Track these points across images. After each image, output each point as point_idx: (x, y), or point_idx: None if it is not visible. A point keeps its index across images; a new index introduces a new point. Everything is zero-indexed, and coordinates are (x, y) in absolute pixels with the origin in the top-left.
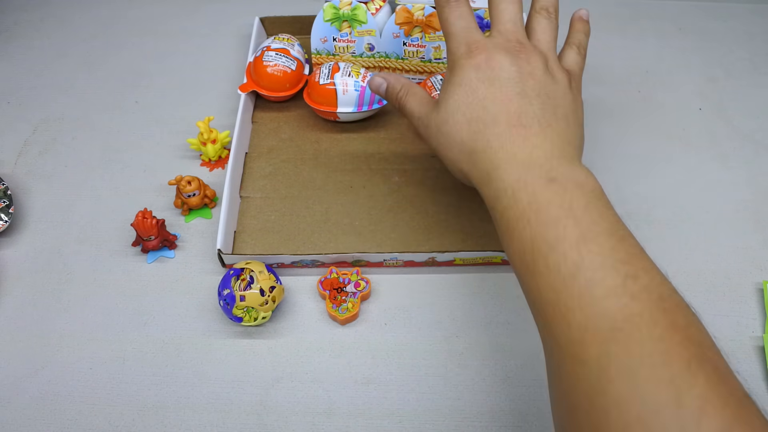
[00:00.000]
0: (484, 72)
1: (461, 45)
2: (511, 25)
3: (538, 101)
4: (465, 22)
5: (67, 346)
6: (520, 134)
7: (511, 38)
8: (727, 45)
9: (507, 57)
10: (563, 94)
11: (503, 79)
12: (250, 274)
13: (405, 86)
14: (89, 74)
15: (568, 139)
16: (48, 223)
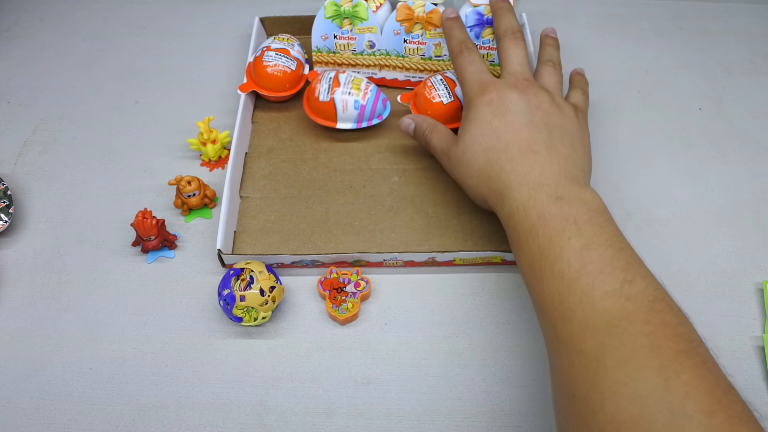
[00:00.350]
0: (496, 107)
1: (474, 86)
2: (519, 66)
3: (546, 129)
4: (477, 67)
5: (67, 346)
6: (530, 158)
7: (520, 77)
8: (727, 45)
9: (516, 93)
10: (570, 122)
11: (513, 112)
12: (250, 274)
13: (430, 125)
14: (89, 74)
15: (574, 162)
16: (48, 223)
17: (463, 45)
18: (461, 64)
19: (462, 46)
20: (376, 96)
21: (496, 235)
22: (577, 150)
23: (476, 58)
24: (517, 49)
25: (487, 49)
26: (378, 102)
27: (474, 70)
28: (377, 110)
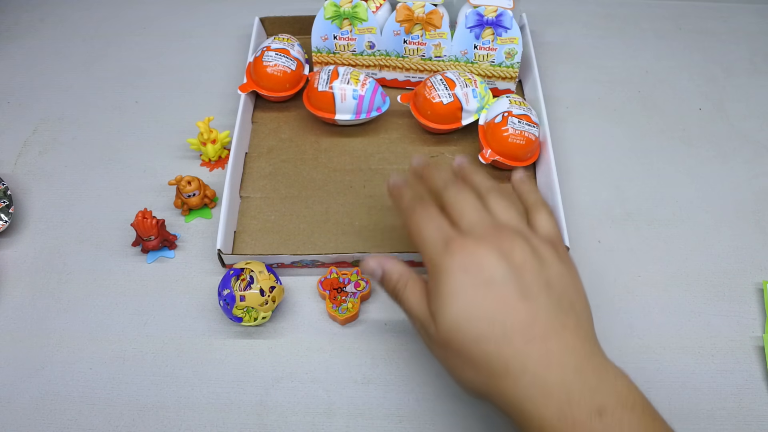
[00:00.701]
0: (474, 274)
1: (438, 244)
2: (476, 215)
3: (542, 297)
4: (436, 223)
5: (67, 346)
6: (539, 350)
7: (484, 227)
8: (727, 45)
9: (492, 251)
10: (559, 274)
11: (498, 281)
12: (250, 274)
13: (403, 277)
14: (89, 74)
15: (584, 333)
16: (48, 223)
17: (416, 201)
18: (417, 223)
19: (414, 203)
20: (375, 89)
21: None
22: (578, 310)
23: (433, 213)
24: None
25: (486, 49)
26: (377, 95)
27: (433, 227)
28: (376, 102)
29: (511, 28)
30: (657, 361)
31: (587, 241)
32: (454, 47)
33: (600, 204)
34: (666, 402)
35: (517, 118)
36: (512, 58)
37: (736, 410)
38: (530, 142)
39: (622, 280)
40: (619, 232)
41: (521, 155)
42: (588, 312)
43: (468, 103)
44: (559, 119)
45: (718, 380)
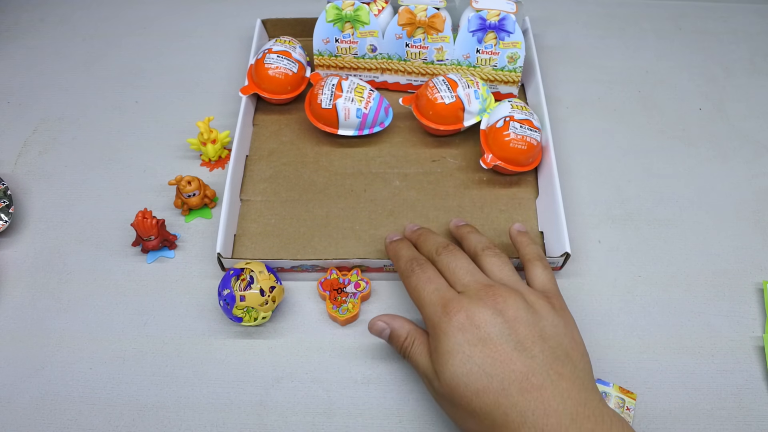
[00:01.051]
0: (470, 332)
1: (436, 307)
2: (470, 276)
3: (536, 349)
4: (434, 285)
5: (67, 346)
6: (536, 400)
7: (478, 287)
8: (727, 45)
9: (486, 309)
10: (553, 325)
11: (494, 336)
12: (250, 274)
13: (411, 335)
14: (89, 74)
15: (581, 381)
16: (48, 223)
17: (414, 262)
18: (415, 285)
19: (413, 264)
20: (379, 104)
21: (495, 240)
22: (575, 359)
23: (432, 275)
24: (458, 260)
25: (489, 53)
26: (380, 110)
27: (432, 289)
28: (379, 118)
29: (513, 32)
30: (657, 361)
31: (587, 241)
32: (457, 51)
33: (600, 204)
34: (666, 402)
35: (519, 123)
36: (515, 62)
37: (736, 410)
38: (532, 147)
39: (622, 280)
40: (619, 232)
41: (523, 160)
42: (585, 359)
43: (470, 103)
44: (559, 119)
45: (718, 380)
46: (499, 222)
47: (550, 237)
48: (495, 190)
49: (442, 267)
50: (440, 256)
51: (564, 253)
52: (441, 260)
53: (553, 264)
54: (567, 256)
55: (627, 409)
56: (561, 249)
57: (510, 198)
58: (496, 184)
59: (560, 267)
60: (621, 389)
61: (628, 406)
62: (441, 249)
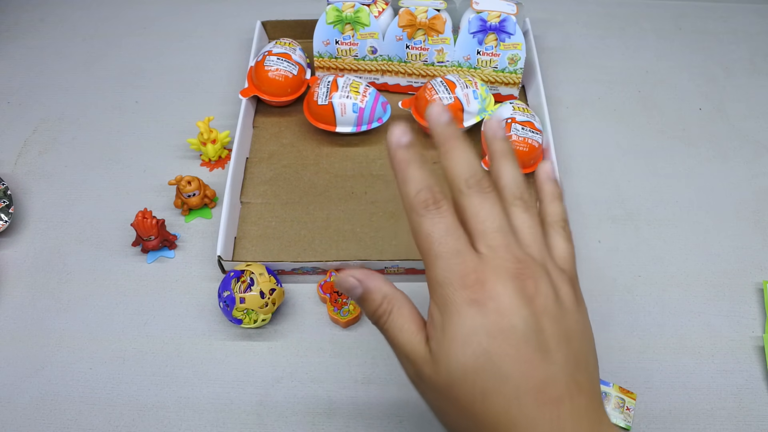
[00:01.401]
0: (491, 319)
1: (452, 271)
2: (500, 237)
3: (560, 354)
4: (454, 239)
5: (67, 346)
6: (551, 415)
7: (509, 257)
8: (727, 45)
9: (515, 292)
10: (576, 322)
11: (519, 332)
12: (250, 276)
13: (388, 301)
14: (89, 74)
15: (594, 394)
16: (48, 223)
17: (429, 196)
18: (428, 232)
19: (427, 199)
20: (375, 99)
21: None
22: (591, 364)
23: (451, 223)
24: (494, 206)
25: (489, 55)
26: (377, 105)
27: (449, 246)
28: (377, 113)
29: (514, 33)
30: (657, 361)
31: (587, 241)
32: (457, 52)
33: (600, 204)
34: (666, 402)
35: (521, 125)
36: (515, 63)
37: (736, 410)
38: (533, 149)
39: (622, 280)
40: (619, 232)
41: (524, 162)
42: (596, 363)
43: (469, 104)
44: (559, 119)
45: (718, 380)
46: None
47: None
48: None
49: (467, 209)
50: (469, 194)
51: None
52: (470, 200)
53: None
54: None
55: (627, 409)
56: None
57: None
58: None
59: None
60: (621, 389)
61: (628, 406)
62: (473, 182)
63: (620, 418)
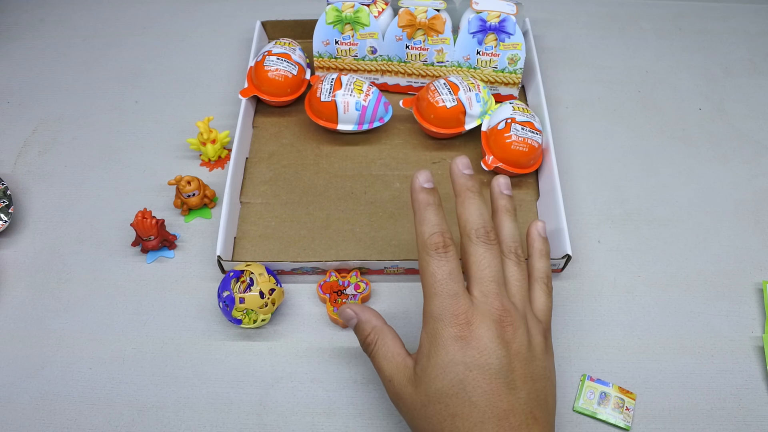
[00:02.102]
0: (471, 355)
1: (447, 308)
2: (494, 286)
3: (524, 390)
4: (454, 283)
5: (67, 346)
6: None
7: (497, 305)
8: (727, 45)
9: (495, 336)
10: (543, 368)
11: (493, 367)
12: (249, 276)
13: (375, 331)
14: (89, 74)
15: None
16: (48, 223)
17: (440, 240)
18: (433, 271)
19: (438, 243)
20: (378, 98)
21: None
22: (550, 403)
23: (454, 268)
24: (493, 259)
25: (489, 55)
26: (380, 105)
27: (448, 288)
28: (378, 113)
29: (514, 33)
30: (657, 361)
31: (587, 241)
32: (457, 53)
33: (600, 204)
34: (666, 402)
35: (521, 125)
36: (515, 63)
37: (736, 410)
38: (533, 150)
39: (622, 280)
40: (619, 232)
41: (524, 162)
42: (554, 403)
43: (471, 107)
44: (559, 119)
45: (718, 380)
46: None
47: (551, 239)
48: None
49: (472, 255)
50: (476, 243)
51: (565, 254)
52: (475, 248)
53: (554, 266)
54: (568, 258)
55: (627, 409)
56: (562, 251)
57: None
58: None
59: (561, 269)
60: (620, 389)
61: (627, 406)
62: (482, 233)
63: (620, 418)
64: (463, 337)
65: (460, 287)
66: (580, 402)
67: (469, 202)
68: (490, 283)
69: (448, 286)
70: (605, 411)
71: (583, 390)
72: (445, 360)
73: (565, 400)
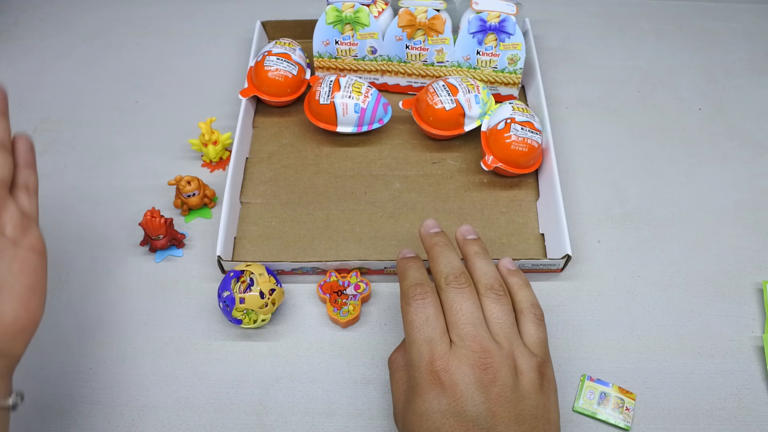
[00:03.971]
0: (447, 402)
1: (423, 352)
2: (470, 328)
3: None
4: (431, 329)
5: (67, 346)
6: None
7: (475, 347)
8: (727, 45)
9: (472, 381)
10: (533, 407)
11: (469, 414)
12: (250, 277)
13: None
14: (89, 74)
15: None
16: (48, 223)
17: (418, 289)
18: (411, 319)
19: (416, 291)
20: (377, 100)
21: (497, 243)
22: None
23: (431, 314)
24: (466, 302)
25: (489, 55)
26: (379, 106)
27: (425, 333)
28: (378, 114)
29: (514, 33)
30: (657, 361)
31: (587, 241)
32: (457, 53)
33: (600, 204)
34: (666, 402)
35: (520, 125)
36: (515, 64)
37: (736, 410)
38: (533, 150)
39: (622, 280)
40: (619, 232)
41: (523, 162)
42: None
43: (470, 108)
44: (559, 119)
45: (718, 380)
46: (499, 224)
47: (550, 239)
48: (496, 192)
49: (445, 302)
50: (448, 289)
51: (565, 255)
52: (447, 295)
53: (554, 266)
54: (568, 259)
55: (626, 409)
56: (562, 251)
57: (510, 200)
58: (496, 186)
59: (561, 269)
60: (620, 389)
61: (627, 406)
62: (451, 279)
63: (620, 418)
64: (440, 383)
65: (437, 333)
66: (580, 402)
67: (436, 255)
68: (464, 326)
69: (425, 332)
70: (605, 411)
71: (583, 390)
72: (422, 408)
73: (565, 400)
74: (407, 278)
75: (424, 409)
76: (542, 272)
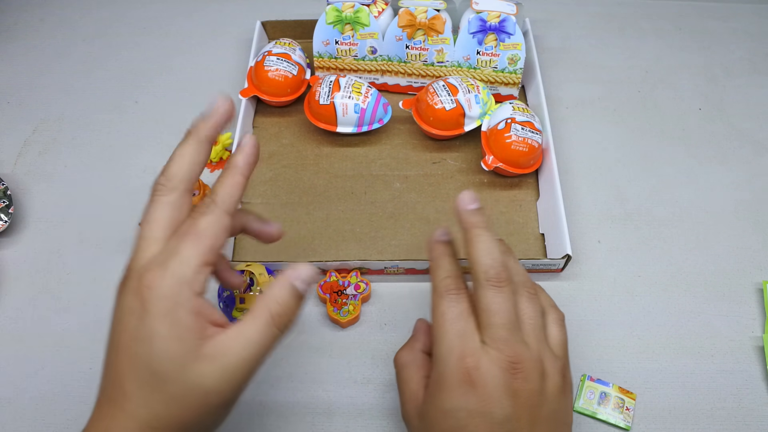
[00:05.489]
0: (474, 402)
1: (454, 351)
2: (505, 331)
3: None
4: (462, 324)
5: (67, 346)
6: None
7: (508, 351)
8: (727, 45)
9: (502, 385)
10: (553, 410)
11: (496, 417)
12: (250, 276)
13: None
14: (89, 74)
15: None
16: (48, 223)
17: (451, 284)
18: (442, 313)
19: (449, 286)
20: (377, 100)
21: None
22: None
23: (464, 310)
24: (505, 302)
25: (489, 55)
26: (378, 106)
27: (457, 329)
28: (378, 114)
29: (514, 33)
30: (657, 361)
31: (587, 241)
32: (457, 53)
33: (600, 204)
34: (666, 402)
35: (521, 125)
36: (515, 63)
37: (736, 410)
38: (533, 150)
39: (622, 280)
40: (619, 232)
41: (524, 162)
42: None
43: (471, 109)
44: (559, 120)
45: (718, 380)
46: (499, 224)
47: (551, 239)
48: (496, 192)
49: (481, 300)
50: (486, 286)
51: (565, 255)
52: (485, 292)
53: (554, 266)
54: (568, 258)
55: (627, 409)
56: (562, 251)
57: (511, 200)
58: (496, 186)
59: (561, 269)
60: (620, 389)
61: (627, 406)
62: (492, 275)
63: (620, 418)
64: (469, 381)
65: (469, 328)
66: (580, 402)
67: (476, 240)
68: (499, 330)
69: (457, 325)
70: (605, 411)
71: (583, 390)
72: (448, 405)
73: None
74: (441, 269)
75: (450, 406)
76: (542, 272)
